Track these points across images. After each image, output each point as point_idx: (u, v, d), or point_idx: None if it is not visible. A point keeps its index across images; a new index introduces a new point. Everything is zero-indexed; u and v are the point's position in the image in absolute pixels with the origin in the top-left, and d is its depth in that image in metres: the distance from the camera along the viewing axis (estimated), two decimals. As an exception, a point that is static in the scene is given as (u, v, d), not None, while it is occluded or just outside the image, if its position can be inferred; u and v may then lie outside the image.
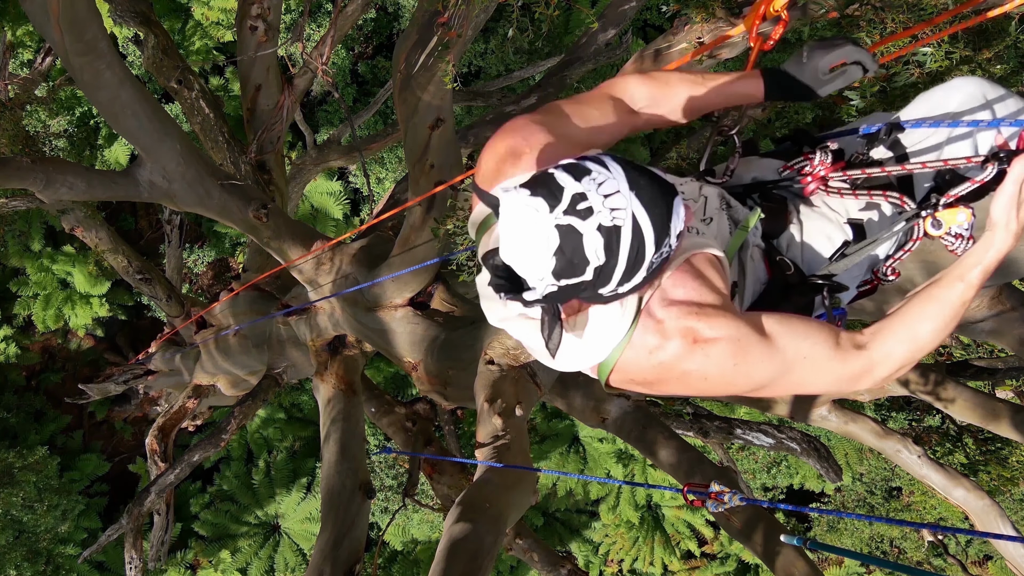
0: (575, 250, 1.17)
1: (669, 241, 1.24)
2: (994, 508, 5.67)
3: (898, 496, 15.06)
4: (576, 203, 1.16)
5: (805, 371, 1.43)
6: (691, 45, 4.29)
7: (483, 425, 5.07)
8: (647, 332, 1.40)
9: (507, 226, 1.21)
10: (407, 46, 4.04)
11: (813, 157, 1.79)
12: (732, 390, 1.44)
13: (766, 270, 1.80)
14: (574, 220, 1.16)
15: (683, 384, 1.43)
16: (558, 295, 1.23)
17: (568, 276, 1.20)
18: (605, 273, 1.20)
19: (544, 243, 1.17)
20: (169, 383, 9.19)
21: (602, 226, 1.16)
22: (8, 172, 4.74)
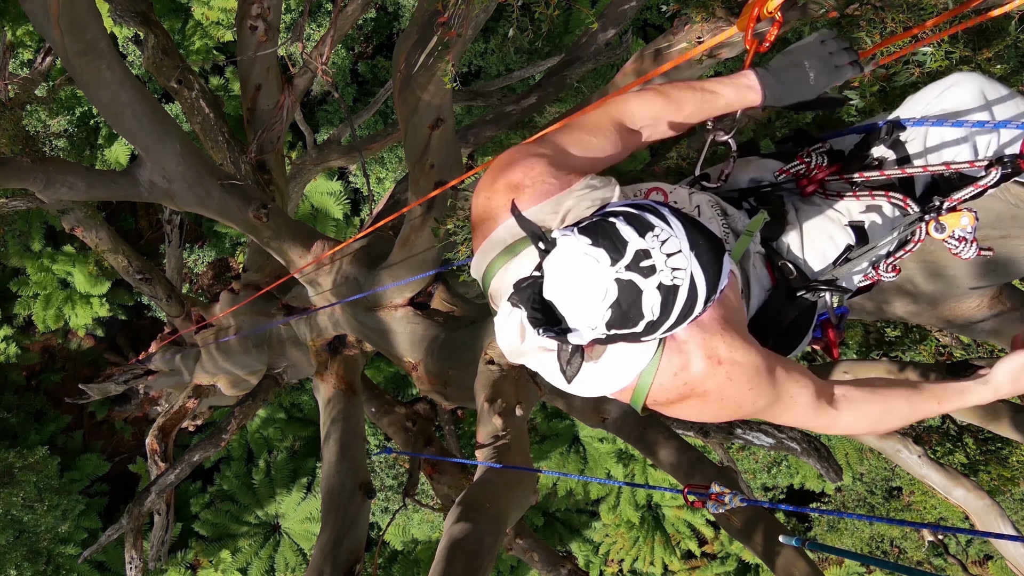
0: (632, 305, 1.18)
1: (716, 297, 1.27)
2: (994, 508, 5.66)
3: (898, 496, 15.06)
4: (639, 260, 1.17)
5: (786, 408, 1.53)
6: (691, 45, 4.29)
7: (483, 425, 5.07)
8: (672, 355, 1.43)
9: (562, 270, 1.22)
10: (407, 46, 4.04)
11: (809, 160, 1.78)
12: (738, 413, 1.50)
13: (769, 276, 1.79)
14: (636, 277, 1.17)
15: (702, 403, 1.46)
16: (600, 342, 1.25)
17: (620, 327, 1.21)
18: (655, 326, 1.23)
19: (601, 294, 1.18)
20: (169, 383, 9.19)
21: (662, 285, 1.18)
22: (8, 172, 4.74)
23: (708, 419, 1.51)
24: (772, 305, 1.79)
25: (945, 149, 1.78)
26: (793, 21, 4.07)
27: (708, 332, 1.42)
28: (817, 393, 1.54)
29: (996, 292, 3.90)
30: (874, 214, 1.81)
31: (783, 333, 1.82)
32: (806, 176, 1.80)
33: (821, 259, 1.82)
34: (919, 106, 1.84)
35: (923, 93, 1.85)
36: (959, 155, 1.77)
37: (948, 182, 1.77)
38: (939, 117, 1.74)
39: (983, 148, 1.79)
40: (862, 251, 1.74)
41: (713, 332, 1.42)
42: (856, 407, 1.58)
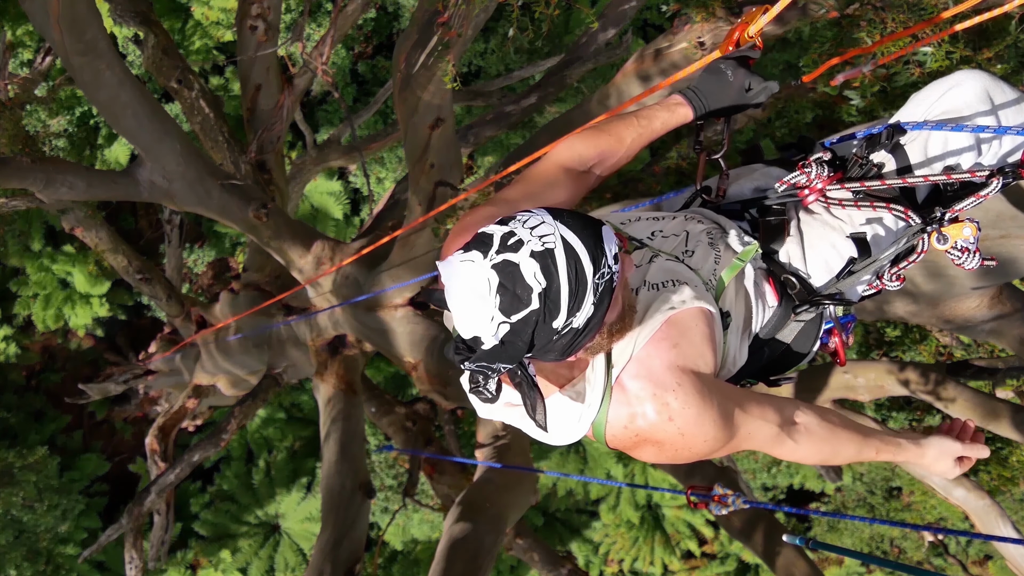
0: (516, 280, 1.19)
1: (607, 262, 1.26)
2: (994, 508, 5.66)
3: (898, 496, 15.06)
4: (506, 240, 1.21)
5: (742, 443, 1.58)
6: (691, 44, 4.30)
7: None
8: (620, 406, 1.45)
9: (451, 290, 1.25)
10: (407, 46, 4.04)
11: (809, 171, 1.77)
12: (694, 457, 1.53)
13: (773, 293, 1.79)
14: (507, 255, 1.20)
15: (658, 450, 1.48)
16: (513, 336, 1.23)
17: (516, 310, 1.21)
18: (551, 299, 1.21)
19: (485, 286, 1.20)
20: (169, 383, 9.19)
21: (535, 251, 1.20)
22: (8, 172, 4.74)
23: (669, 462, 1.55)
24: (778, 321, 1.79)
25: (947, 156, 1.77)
26: (793, 21, 4.07)
27: (659, 385, 1.42)
28: (780, 427, 1.59)
29: (996, 292, 3.90)
30: (876, 225, 1.80)
31: (788, 348, 1.82)
32: (806, 186, 1.78)
33: (825, 270, 1.80)
34: (921, 107, 1.83)
35: (926, 92, 1.83)
36: (960, 162, 1.76)
37: (950, 190, 1.75)
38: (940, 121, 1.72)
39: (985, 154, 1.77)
40: (865, 264, 1.74)
41: (665, 386, 1.42)
42: (814, 443, 1.64)
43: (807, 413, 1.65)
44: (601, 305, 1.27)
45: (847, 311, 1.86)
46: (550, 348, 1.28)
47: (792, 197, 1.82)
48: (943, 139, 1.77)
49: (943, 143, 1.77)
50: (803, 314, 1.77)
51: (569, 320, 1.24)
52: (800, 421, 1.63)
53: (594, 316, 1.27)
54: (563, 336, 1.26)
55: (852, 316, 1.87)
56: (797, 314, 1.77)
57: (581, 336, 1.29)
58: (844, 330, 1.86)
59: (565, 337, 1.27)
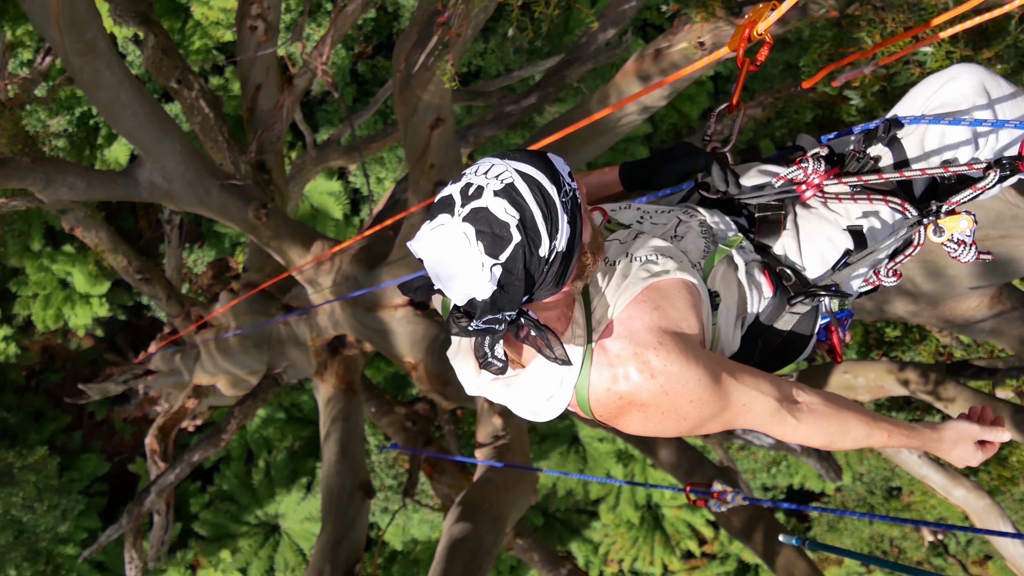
0: (490, 221, 1.22)
1: (565, 180, 1.30)
2: (994, 508, 5.67)
3: (898, 496, 15.06)
4: (467, 192, 1.25)
5: (739, 416, 1.53)
6: (691, 44, 4.30)
7: (483, 425, 5.08)
8: (602, 368, 1.43)
9: (432, 263, 1.27)
10: (407, 46, 4.05)
11: (806, 166, 1.77)
12: (683, 427, 1.48)
13: (769, 284, 1.78)
14: (473, 203, 1.23)
15: (644, 417, 1.45)
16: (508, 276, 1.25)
17: (502, 247, 1.23)
18: (529, 226, 1.24)
19: (464, 240, 1.23)
20: (169, 383, 9.19)
21: (497, 191, 1.23)
22: (8, 172, 4.74)
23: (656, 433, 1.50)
24: (773, 312, 1.78)
25: (944, 149, 1.77)
26: (793, 21, 4.07)
27: (640, 344, 1.42)
28: (779, 401, 1.55)
29: (996, 292, 3.90)
30: (873, 218, 1.80)
31: (785, 340, 1.81)
32: (804, 181, 1.79)
33: (821, 263, 1.80)
34: (919, 101, 1.83)
35: (923, 86, 1.84)
36: (957, 156, 1.76)
37: (947, 183, 1.76)
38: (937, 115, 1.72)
39: (982, 148, 1.77)
40: (861, 256, 1.73)
41: (647, 344, 1.41)
42: (818, 421, 1.59)
43: (809, 392, 1.61)
44: (575, 223, 1.31)
45: (843, 306, 1.85)
46: (545, 279, 1.30)
47: (789, 192, 1.82)
48: (940, 133, 1.77)
49: (940, 137, 1.77)
50: (798, 306, 1.76)
51: (552, 244, 1.27)
52: (802, 400, 1.59)
53: (573, 235, 1.30)
54: (552, 263, 1.29)
55: (849, 312, 1.86)
56: (792, 305, 1.76)
57: (569, 259, 1.31)
58: (841, 326, 1.85)
59: (555, 263, 1.29)
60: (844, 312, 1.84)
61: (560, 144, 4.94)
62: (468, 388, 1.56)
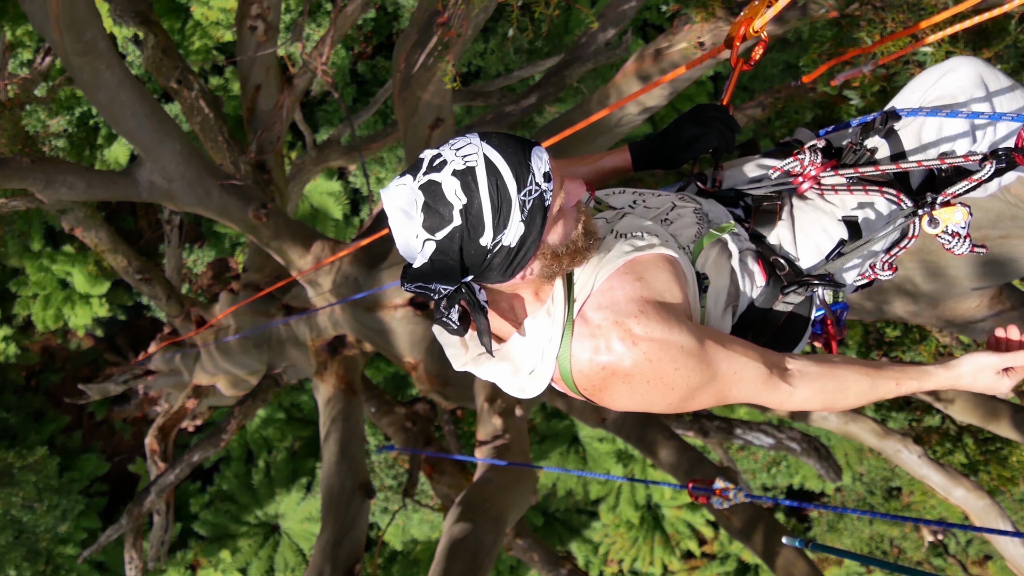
0: (437, 198, 1.23)
1: (534, 179, 1.27)
2: (994, 508, 5.67)
3: (898, 496, 15.06)
4: (433, 162, 1.26)
5: (731, 385, 1.50)
6: (691, 44, 4.29)
7: (483, 425, 5.08)
8: (583, 339, 1.42)
9: (387, 213, 1.29)
10: (407, 46, 4.05)
11: (803, 157, 1.77)
12: (672, 398, 1.46)
13: (762, 273, 1.78)
14: (432, 175, 1.25)
15: (630, 388, 1.44)
16: (441, 255, 1.26)
17: (440, 227, 1.24)
18: (473, 215, 1.24)
19: (413, 205, 1.25)
20: (169, 383, 9.19)
21: (456, 170, 1.24)
22: (8, 172, 4.74)
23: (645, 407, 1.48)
24: (765, 302, 1.77)
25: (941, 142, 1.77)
26: (793, 21, 4.07)
27: (621, 313, 1.41)
28: (768, 368, 1.52)
29: (996, 292, 3.90)
30: (868, 210, 1.80)
31: (779, 330, 1.81)
32: (800, 173, 1.79)
33: (815, 253, 1.80)
34: (916, 94, 1.83)
35: (921, 78, 1.84)
36: (954, 148, 1.76)
37: (943, 175, 1.76)
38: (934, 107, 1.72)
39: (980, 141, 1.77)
40: (855, 245, 1.73)
41: (628, 313, 1.41)
42: (812, 382, 1.55)
43: (797, 358, 1.58)
44: (533, 223, 1.29)
45: (838, 298, 1.84)
46: (487, 267, 1.30)
47: (786, 184, 1.82)
48: (938, 125, 1.77)
49: (937, 129, 1.77)
50: (791, 296, 1.75)
51: (497, 238, 1.27)
52: (792, 366, 1.55)
53: (528, 235, 1.29)
54: (496, 254, 1.28)
55: (844, 304, 1.85)
56: (785, 295, 1.75)
57: (518, 255, 1.30)
58: (837, 320, 1.84)
59: (499, 255, 1.29)
60: (839, 304, 1.84)
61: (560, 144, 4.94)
62: (455, 364, 1.54)
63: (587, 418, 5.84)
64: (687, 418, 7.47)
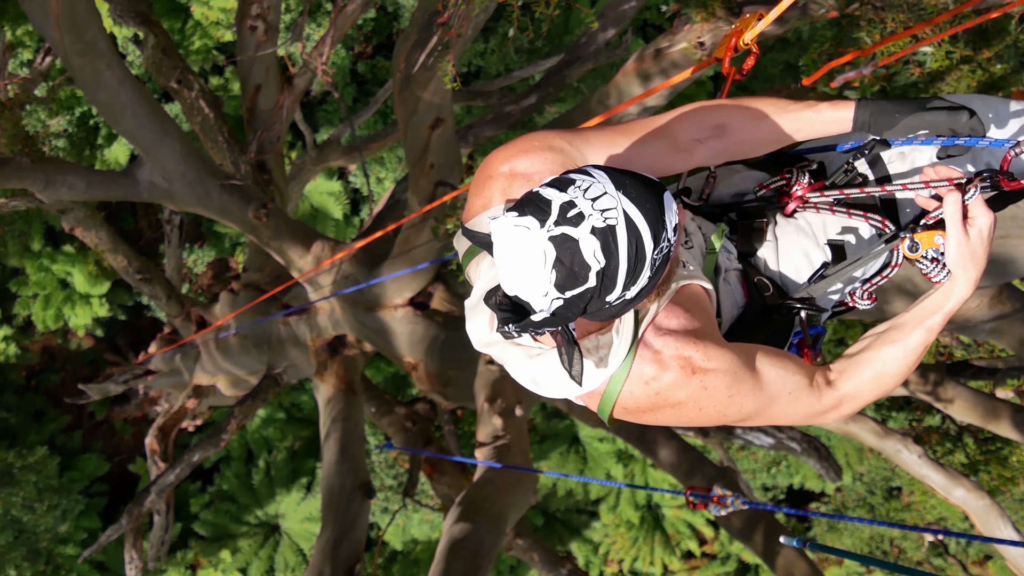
0: (574, 257, 1.16)
1: (667, 235, 1.22)
2: (994, 508, 5.66)
3: (898, 496, 15.06)
4: (566, 212, 1.16)
5: (787, 405, 1.48)
6: (691, 44, 4.30)
7: (483, 425, 5.07)
8: (644, 362, 1.41)
9: (502, 253, 1.20)
10: (407, 46, 4.05)
11: (791, 176, 1.76)
12: (721, 420, 1.46)
13: (743, 292, 1.78)
14: (567, 228, 1.15)
15: (677, 412, 1.44)
16: (565, 309, 1.21)
17: (572, 287, 1.18)
18: (608, 277, 1.18)
19: (541, 258, 1.16)
20: (169, 383, 9.19)
21: (596, 228, 1.15)
22: (8, 172, 4.74)
23: (688, 424, 1.48)
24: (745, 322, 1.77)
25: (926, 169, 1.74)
26: (793, 21, 4.07)
27: (682, 341, 1.40)
28: (810, 379, 1.51)
29: (996, 292, 3.90)
30: (851, 235, 1.79)
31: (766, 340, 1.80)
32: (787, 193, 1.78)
33: (795, 276, 1.80)
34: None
35: None
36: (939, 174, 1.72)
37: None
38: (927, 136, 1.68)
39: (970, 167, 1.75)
40: (837, 269, 1.72)
41: (688, 341, 1.40)
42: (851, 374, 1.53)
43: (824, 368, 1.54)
44: (656, 277, 1.25)
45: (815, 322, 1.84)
46: (598, 316, 1.27)
47: (772, 203, 1.82)
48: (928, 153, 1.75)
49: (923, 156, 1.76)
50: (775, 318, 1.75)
51: (623, 294, 1.23)
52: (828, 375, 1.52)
53: (647, 287, 1.25)
54: (614, 306, 1.24)
55: (822, 328, 1.85)
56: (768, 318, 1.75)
57: (631, 304, 1.27)
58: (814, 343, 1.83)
59: (616, 307, 1.25)
60: (816, 328, 1.83)
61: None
62: (475, 341, 1.51)
63: (587, 418, 5.84)
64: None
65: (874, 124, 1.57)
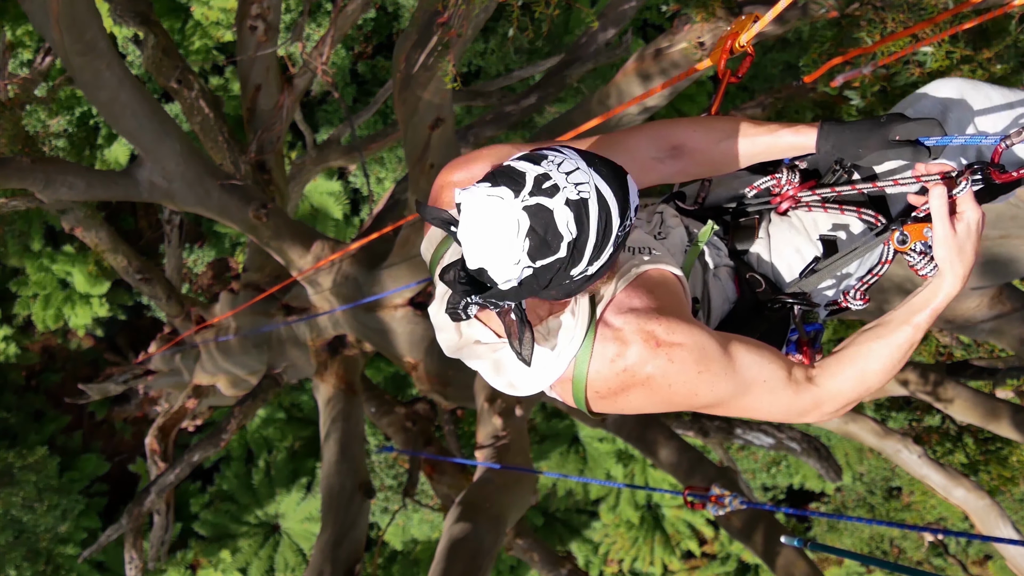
0: (548, 227, 1.18)
1: (631, 214, 1.26)
2: (994, 508, 5.67)
3: (898, 496, 15.06)
4: (540, 183, 1.19)
5: (762, 395, 1.47)
6: (691, 44, 4.30)
7: (483, 425, 5.08)
8: (606, 341, 1.41)
9: (472, 223, 1.21)
10: (407, 46, 4.05)
11: (780, 176, 1.77)
12: (693, 400, 1.45)
13: (735, 288, 1.78)
14: (542, 199, 1.18)
15: (649, 392, 1.43)
16: (533, 279, 1.22)
17: (543, 256, 1.20)
18: (578, 248, 1.21)
19: (514, 227, 1.18)
20: (169, 383, 9.19)
21: (570, 200, 1.18)
22: (8, 172, 4.74)
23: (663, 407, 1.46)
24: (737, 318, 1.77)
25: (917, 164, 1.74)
26: (793, 21, 4.07)
27: (644, 317, 1.41)
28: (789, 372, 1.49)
29: (996, 292, 3.90)
30: (843, 231, 1.79)
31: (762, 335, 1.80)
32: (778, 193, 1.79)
33: (787, 272, 1.80)
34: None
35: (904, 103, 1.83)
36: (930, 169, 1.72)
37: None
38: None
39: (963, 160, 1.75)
40: (828, 262, 1.73)
41: (649, 317, 1.40)
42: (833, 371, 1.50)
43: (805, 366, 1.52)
44: (616, 253, 1.28)
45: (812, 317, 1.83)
46: (560, 290, 1.28)
47: (764, 203, 1.82)
48: None
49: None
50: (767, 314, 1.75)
51: (587, 269, 1.25)
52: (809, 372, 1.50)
53: (607, 263, 1.28)
54: (576, 281, 1.27)
55: (819, 326, 1.85)
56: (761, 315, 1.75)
57: (590, 280, 1.29)
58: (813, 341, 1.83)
59: (577, 282, 1.27)
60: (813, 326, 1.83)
61: (560, 144, 4.94)
62: (447, 349, 1.53)
63: (587, 418, 5.84)
64: (686, 418, 7.48)
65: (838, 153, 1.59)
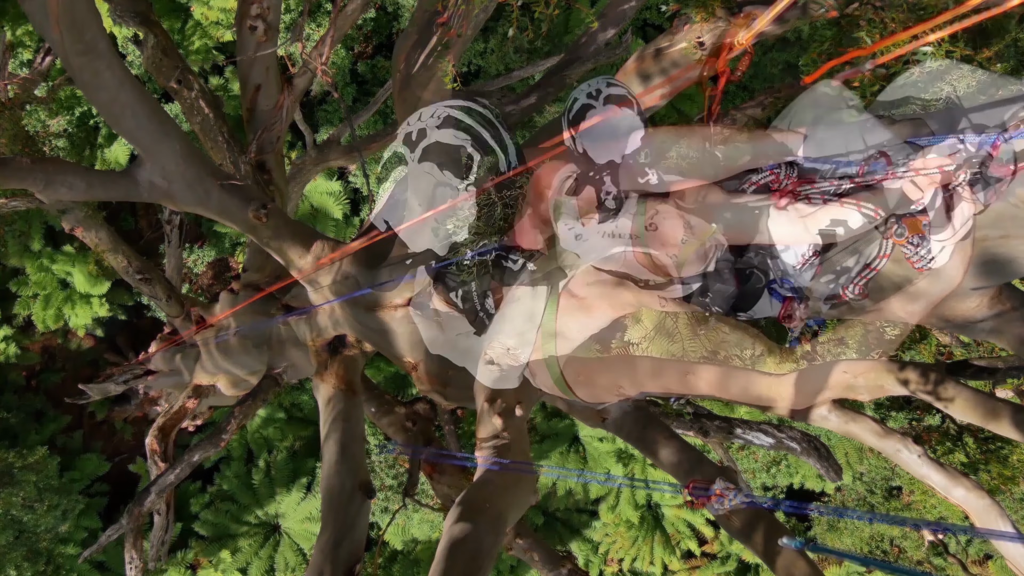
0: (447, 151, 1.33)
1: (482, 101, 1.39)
2: (995, 507, 5.66)
3: (898, 495, 15.07)
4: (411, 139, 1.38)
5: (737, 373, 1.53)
6: (691, 44, 4.30)
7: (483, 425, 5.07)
8: (571, 312, 1.46)
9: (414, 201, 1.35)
10: (407, 46, 4.05)
11: (779, 172, 1.78)
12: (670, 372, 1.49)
13: (735, 282, 1.81)
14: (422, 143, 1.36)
15: (628, 360, 1.46)
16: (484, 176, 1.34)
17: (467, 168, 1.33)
18: (480, 144, 1.33)
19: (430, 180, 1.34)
20: (169, 383, 9.18)
21: (439, 124, 1.34)
22: (8, 172, 4.74)
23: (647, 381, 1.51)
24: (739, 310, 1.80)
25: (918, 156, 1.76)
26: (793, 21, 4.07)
27: (608, 285, 1.46)
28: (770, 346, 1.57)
29: (996, 292, 3.89)
30: (841, 226, 1.81)
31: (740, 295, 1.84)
32: (777, 189, 1.80)
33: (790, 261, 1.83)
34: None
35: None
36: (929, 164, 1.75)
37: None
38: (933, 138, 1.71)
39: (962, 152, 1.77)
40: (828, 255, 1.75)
41: (614, 284, 1.46)
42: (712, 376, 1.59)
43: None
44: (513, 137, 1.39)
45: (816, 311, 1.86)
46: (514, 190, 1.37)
47: (764, 199, 1.83)
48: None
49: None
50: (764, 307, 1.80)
51: (508, 158, 1.33)
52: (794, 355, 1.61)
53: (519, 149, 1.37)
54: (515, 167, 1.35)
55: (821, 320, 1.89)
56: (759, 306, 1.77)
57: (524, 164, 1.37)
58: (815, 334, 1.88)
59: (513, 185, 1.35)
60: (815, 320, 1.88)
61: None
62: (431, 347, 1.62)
63: (587, 418, 5.83)
64: (687, 418, 7.47)
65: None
